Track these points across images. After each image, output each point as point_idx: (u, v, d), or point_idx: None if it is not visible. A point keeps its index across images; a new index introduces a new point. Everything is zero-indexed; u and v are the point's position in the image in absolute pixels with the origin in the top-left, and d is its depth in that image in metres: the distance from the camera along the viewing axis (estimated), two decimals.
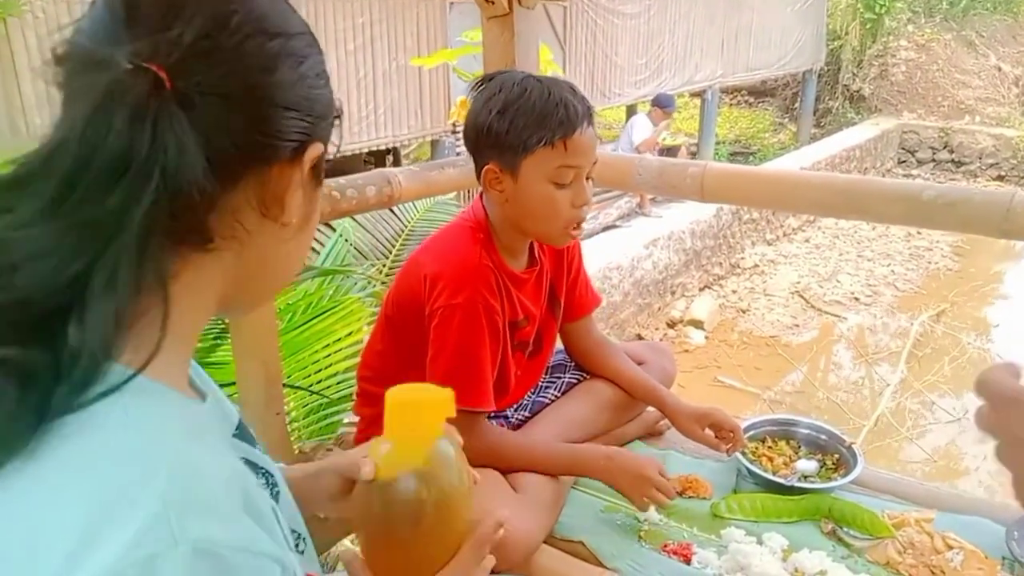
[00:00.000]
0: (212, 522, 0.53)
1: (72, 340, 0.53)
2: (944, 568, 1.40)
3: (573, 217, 1.47)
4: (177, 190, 0.55)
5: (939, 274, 8.77)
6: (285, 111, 0.63)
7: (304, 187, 0.68)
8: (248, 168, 0.62)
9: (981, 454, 5.47)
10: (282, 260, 0.72)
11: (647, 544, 1.50)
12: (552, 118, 1.39)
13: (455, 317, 1.42)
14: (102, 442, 0.54)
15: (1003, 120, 12.62)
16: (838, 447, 1.76)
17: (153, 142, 0.54)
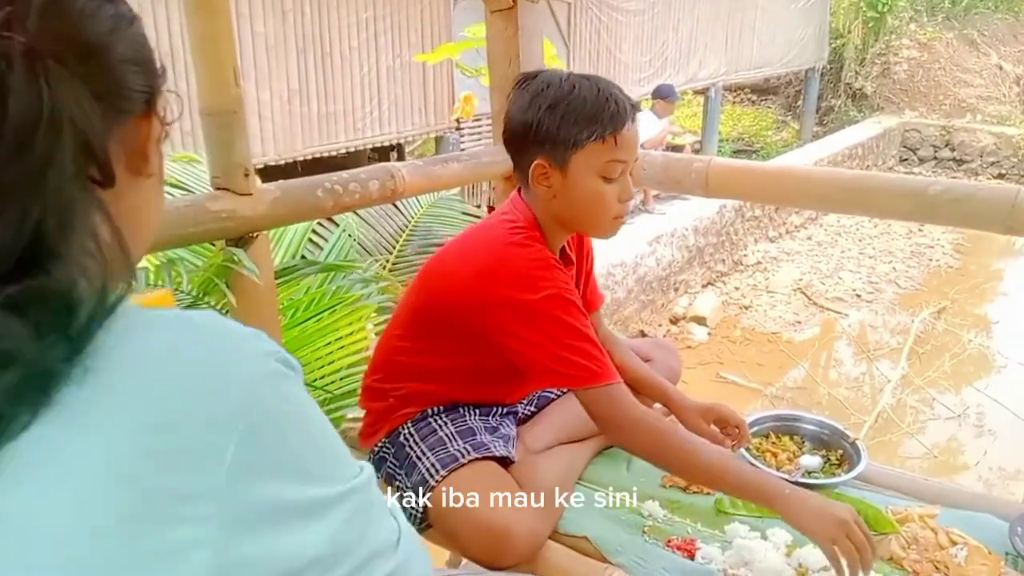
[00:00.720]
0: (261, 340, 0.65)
1: (60, 277, 0.56)
2: (948, 564, 1.40)
3: (619, 210, 1.49)
4: (85, 137, 0.59)
5: (940, 271, 8.78)
6: (131, 66, 0.67)
7: (158, 138, 0.73)
8: (114, 124, 0.66)
9: (981, 449, 5.48)
10: (151, 209, 0.75)
11: (651, 539, 1.50)
12: (604, 113, 1.41)
13: (554, 308, 1.41)
14: (160, 326, 0.62)
15: (1004, 119, 12.62)
16: (842, 443, 1.76)
17: (52, 96, 0.57)
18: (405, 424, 1.57)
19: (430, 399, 1.58)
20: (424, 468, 1.48)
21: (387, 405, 1.59)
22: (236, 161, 1.61)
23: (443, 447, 1.50)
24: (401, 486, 1.52)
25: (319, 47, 6.42)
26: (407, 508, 1.49)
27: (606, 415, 1.44)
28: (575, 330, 1.42)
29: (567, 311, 1.43)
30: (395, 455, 1.55)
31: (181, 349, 0.60)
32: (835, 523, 1.25)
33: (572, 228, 1.56)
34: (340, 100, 6.67)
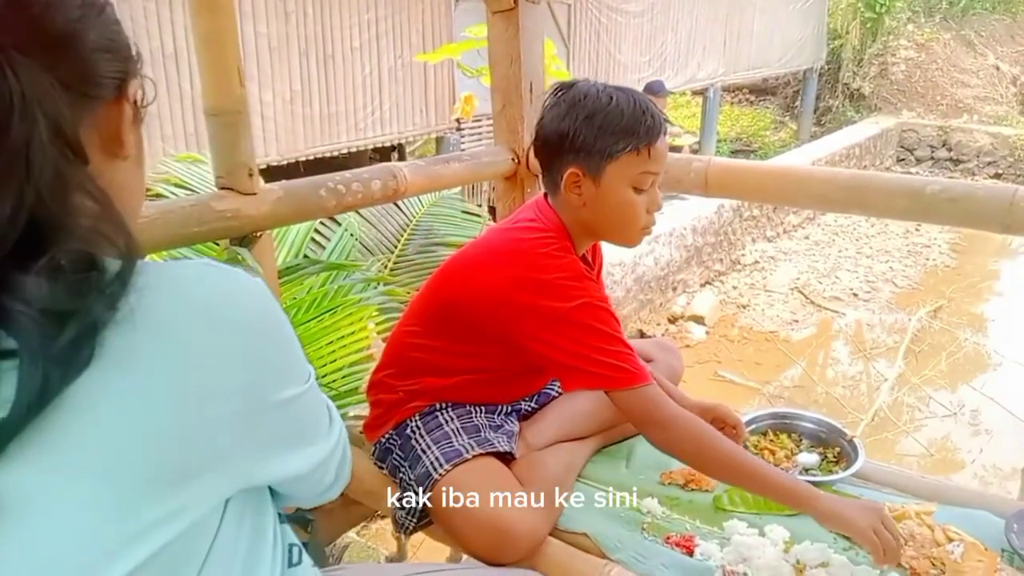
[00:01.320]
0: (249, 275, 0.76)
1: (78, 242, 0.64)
2: (944, 560, 1.41)
3: (648, 221, 1.53)
4: (58, 124, 0.64)
5: (937, 271, 8.81)
6: (101, 53, 0.71)
7: (132, 123, 0.77)
8: (85, 109, 0.70)
9: (977, 447, 5.50)
10: (131, 191, 0.80)
11: (650, 536, 1.51)
12: (640, 126, 1.43)
13: (587, 317, 1.44)
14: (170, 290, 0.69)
15: (1001, 119, 12.66)
16: (839, 440, 1.78)
17: (22, 86, 0.62)
18: (413, 417, 1.58)
19: (441, 395, 1.59)
20: (429, 461, 1.49)
21: (396, 398, 1.60)
22: (240, 161, 1.62)
23: (448, 441, 1.52)
24: (405, 478, 1.53)
25: (321, 48, 6.44)
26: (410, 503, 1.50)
27: (644, 416, 1.46)
28: (609, 336, 1.45)
29: (600, 319, 1.45)
30: (401, 447, 1.56)
31: (201, 295, 0.71)
32: (874, 515, 1.34)
33: (600, 236, 1.59)
34: (342, 101, 6.68)
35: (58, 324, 0.60)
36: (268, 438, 0.77)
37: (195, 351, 0.68)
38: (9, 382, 0.60)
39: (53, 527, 0.62)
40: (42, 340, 0.60)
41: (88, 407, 0.62)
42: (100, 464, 0.63)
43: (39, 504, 0.62)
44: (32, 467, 0.61)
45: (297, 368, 0.81)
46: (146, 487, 0.65)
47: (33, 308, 0.60)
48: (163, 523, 0.66)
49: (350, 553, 3.28)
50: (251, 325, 0.73)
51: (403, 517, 1.52)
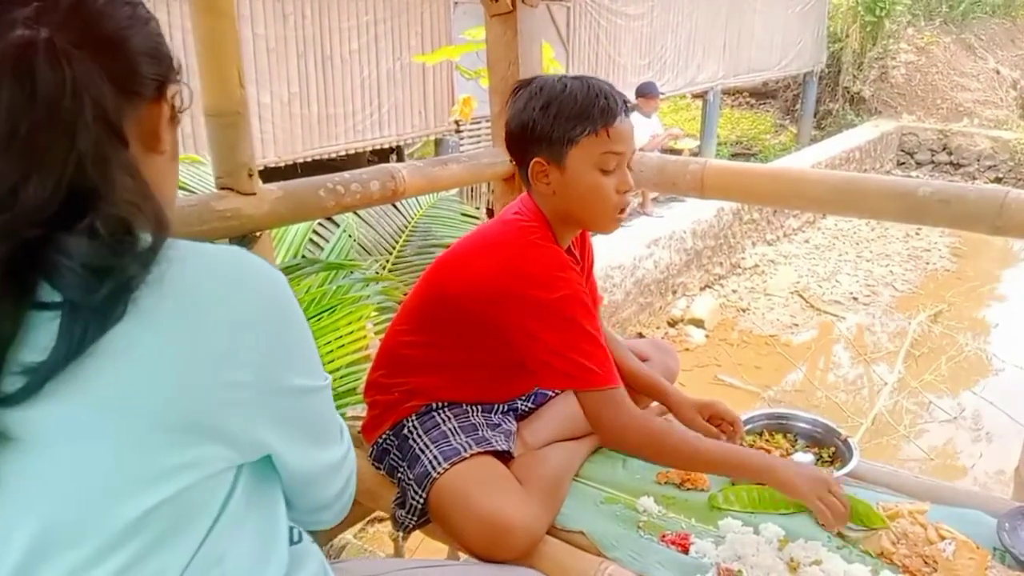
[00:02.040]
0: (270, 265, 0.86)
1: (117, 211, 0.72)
2: (936, 558, 1.42)
3: (619, 202, 1.52)
4: (104, 111, 0.73)
5: (937, 275, 8.82)
6: (146, 58, 0.80)
7: (170, 122, 0.86)
8: (128, 105, 0.78)
9: (977, 452, 5.50)
10: (165, 184, 0.88)
11: (646, 534, 1.52)
12: (594, 108, 1.46)
13: (567, 308, 1.45)
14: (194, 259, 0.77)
15: (1001, 123, 12.67)
16: (834, 441, 1.79)
17: (74, 75, 0.71)
18: (410, 417, 1.59)
19: (435, 394, 1.60)
20: (427, 461, 1.50)
21: (392, 399, 1.61)
22: (240, 161, 1.64)
23: (446, 440, 1.53)
24: (403, 478, 1.54)
25: (319, 50, 6.45)
26: (409, 502, 1.51)
27: (601, 418, 1.50)
28: (583, 332, 1.46)
29: (579, 313, 1.47)
30: (399, 447, 1.57)
31: (228, 268, 0.79)
32: (820, 483, 1.47)
33: (577, 224, 1.60)
34: (340, 103, 6.69)
35: (97, 279, 0.68)
36: (279, 419, 0.83)
37: (215, 318, 0.75)
38: (47, 331, 0.68)
39: (73, 462, 0.70)
40: (83, 292, 0.68)
41: (115, 356, 0.70)
42: (121, 408, 0.70)
43: (63, 439, 0.70)
44: (60, 406, 0.69)
45: (312, 362, 0.88)
46: (162, 434, 0.72)
47: (76, 262, 0.68)
48: (176, 472, 0.73)
49: (347, 555, 3.29)
50: (271, 305, 0.81)
51: (402, 516, 1.54)
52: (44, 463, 0.70)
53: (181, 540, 0.76)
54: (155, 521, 0.73)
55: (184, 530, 0.76)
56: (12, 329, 0.68)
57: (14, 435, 0.68)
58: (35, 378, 0.67)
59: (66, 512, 0.71)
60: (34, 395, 0.67)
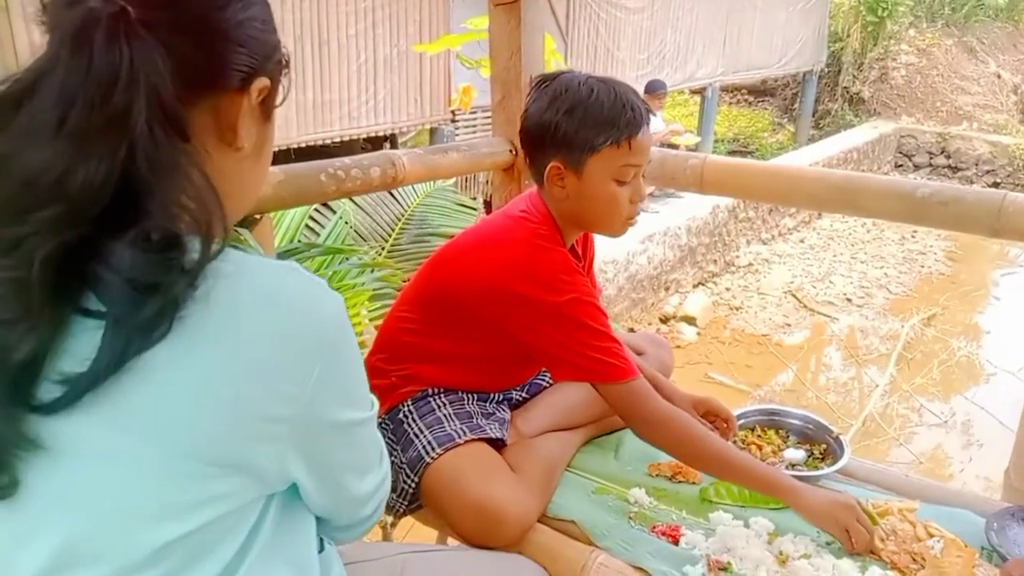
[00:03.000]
0: (330, 290, 0.79)
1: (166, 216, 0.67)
2: (925, 555, 1.43)
3: (631, 211, 1.53)
4: (160, 97, 0.67)
5: (932, 278, 8.84)
6: (233, 45, 0.75)
7: (255, 117, 0.80)
8: (202, 93, 0.74)
9: (967, 457, 5.53)
10: (242, 182, 0.84)
11: (637, 525, 1.53)
12: (621, 119, 1.44)
13: (577, 311, 1.46)
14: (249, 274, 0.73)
15: (1000, 127, 12.68)
16: (825, 438, 1.80)
17: (132, 56, 0.66)
18: (405, 402, 1.60)
19: (433, 380, 1.61)
20: (421, 445, 1.51)
21: (389, 383, 1.61)
22: None
23: (440, 426, 1.54)
24: (396, 462, 1.55)
25: (316, 35, 6.41)
26: (401, 486, 1.52)
27: (631, 410, 1.50)
28: (598, 331, 1.47)
29: (589, 314, 1.47)
30: (393, 431, 1.58)
31: (280, 291, 0.73)
32: (846, 510, 1.42)
33: (585, 227, 1.60)
34: (335, 89, 6.66)
35: (143, 295, 0.65)
36: (319, 455, 0.79)
37: (260, 347, 0.71)
38: (89, 340, 0.65)
39: (101, 479, 0.68)
40: (128, 308, 0.65)
41: (154, 376, 0.67)
42: (155, 432, 0.68)
43: (94, 455, 0.67)
44: (95, 420, 0.66)
45: (360, 392, 0.83)
46: (194, 464, 0.69)
47: (121, 276, 0.64)
48: (205, 504, 0.71)
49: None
50: (323, 334, 0.75)
51: (394, 500, 1.54)
52: (73, 476, 0.68)
53: (203, 567, 0.73)
54: (179, 549, 0.71)
55: (207, 558, 0.73)
56: (52, 336, 0.65)
57: (46, 444, 0.66)
58: (73, 389, 0.65)
59: (89, 529, 0.69)
60: (70, 406, 0.65)
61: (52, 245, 0.63)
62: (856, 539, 1.41)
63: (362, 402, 0.84)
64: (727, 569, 1.39)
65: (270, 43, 0.79)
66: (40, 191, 0.64)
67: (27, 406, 0.65)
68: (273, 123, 0.85)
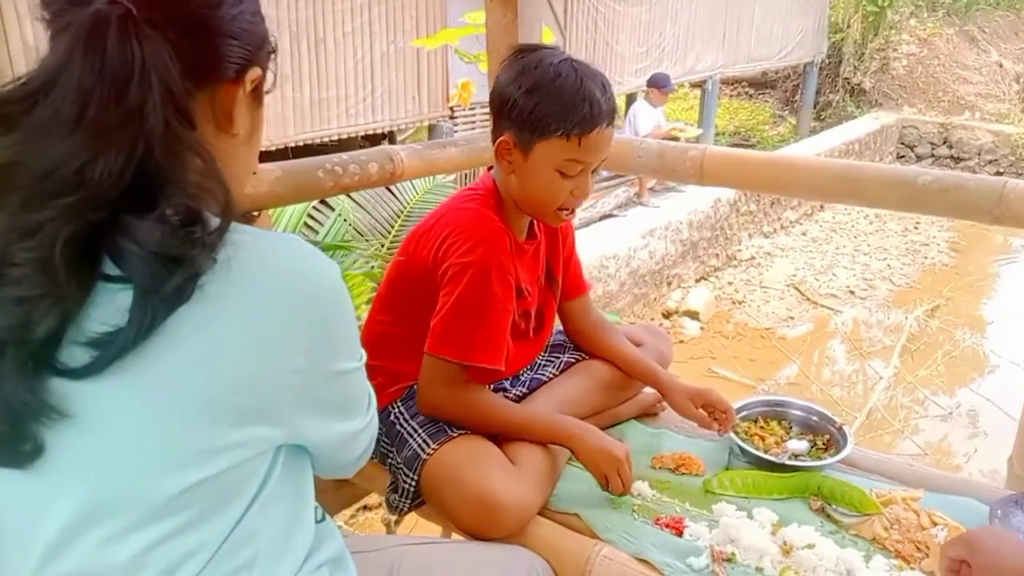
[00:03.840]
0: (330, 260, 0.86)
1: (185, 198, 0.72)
2: (929, 544, 1.43)
3: (567, 204, 1.51)
4: (171, 91, 0.72)
5: (935, 269, 8.82)
6: (228, 39, 0.80)
7: (248, 104, 0.86)
8: (202, 84, 0.79)
9: (972, 448, 5.52)
10: (236, 165, 0.89)
11: (640, 518, 1.53)
12: (576, 113, 1.41)
13: (467, 273, 1.45)
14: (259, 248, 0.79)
15: (1003, 117, 12.65)
16: (828, 428, 1.79)
17: (143, 54, 0.70)
18: (395, 403, 1.59)
19: (414, 375, 1.60)
20: (416, 444, 1.50)
21: (376, 384, 1.61)
22: None
23: (433, 423, 1.53)
24: (393, 464, 1.55)
25: (312, 33, 6.38)
26: (401, 485, 1.52)
27: (423, 382, 1.52)
28: (473, 302, 1.45)
29: (483, 281, 1.45)
30: (386, 434, 1.57)
31: (281, 259, 0.80)
32: (610, 460, 1.49)
33: (521, 207, 1.57)
34: (333, 86, 6.63)
35: (168, 267, 0.69)
36: (320, 402, 0.86)
37: (276, 305, 0.77)
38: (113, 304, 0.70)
39: (123, 439, 0.72)
40: (153, 280, 0.69)
41: (179, 339, 0.71)
42: (179, 390, 0.72)
43: (117, 417, 0.71)
44: (119, 385, 0.70)
45: (354, 345, 0.91)
46: (214, 415, 0.74)
47: (145, 250, 0.69)
48: (223, 451, 0.75)
49: None
50: (325, 295, 0.83)
51: (396, 500, 1.54)
52: (96, 439, 0.71)
53: (220, 517, 0.78)
54: (197, 497, 0.75)
55: (224, 508, 0.78)
56: (79, 306, 0.69)
57: (72, 411, 0.70)
58: (103, 355, 0.69)
59: (111, 486, 0.73)
60: (100, 372, 0.69)
61: (74, 227, 0.67)
62: (612, 486, 1.50)
63: (355, 352, 0.91)
64: (731, 560, 1.39)
65: (260, 34, 0.85)
66: (61, 181, 0.68)
67: (55, 372, 0.69)
68: (263, 109, 0.91)
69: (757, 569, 1.39)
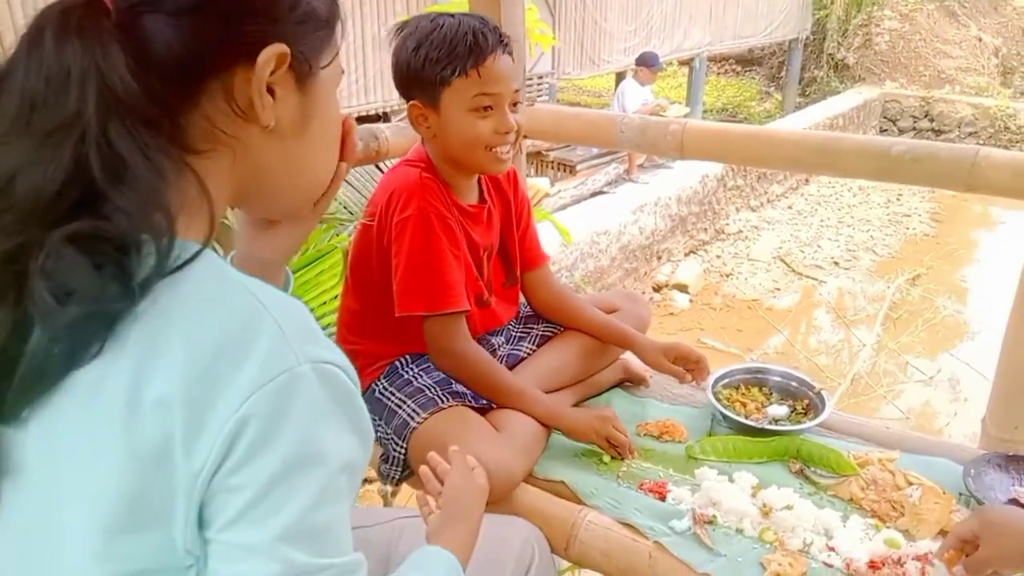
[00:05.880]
0: (319, 346, 0.64)
1: (117, 221, 0.61)
2: (904, 503, 1.48)
3: (493, 142, 1.51)
4: (116, 95, 0.62)
5: (916, 239, 8.90)
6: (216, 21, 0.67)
7: (286, 88, 0.72)
8: (204, 76, 0.67)
9: (952, 412, 5.61)
10: (287, 164, 0.76)
11: (624, 483, 1.57)
12: (462, 46, 1.43)
13: (408, 227, 1.48)
14: (205, 293, 0.63)
15: (982, 90, 12.70)
16: (807, 393, 1.84)
17: (83, 56, 0.61)
18: (378, 380, 1.62)
19: (396, 351, 1.63)
20: (405, 413, 1.53)
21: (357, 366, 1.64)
22: None
23: (422, 393, 1.56)
24: (383, 435, 1.57)
25: None
26: (391, 454, 1.55)
27: (432, 344, 1.56)
28: (423, 252, 1.48)
29: (425, 229, 1.48)
30: (373, 410, 1.59)
31: (231, 321, 0.62)
32: (601, 422, 1.57)
33: (458, 167, 1.59)
34: None
35: (62, 302, 0.58)
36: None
37: (179, 382, 0.60)
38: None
39: (48, 502, 0.62)
40: (49, 315, 0.59)
41: (91, 400, 0.60)
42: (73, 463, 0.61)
43: (41, 474, 0.62)
44: (35, 438, 0.62)
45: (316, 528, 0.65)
46: (116, 510, 0.61)
47: (42, 281, 0.59)
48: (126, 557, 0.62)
49: None
50: (264, 395, 0.61)
51: (387, 469, 1.57)
52: (23, 496, 0.63)
53: None
54: None
55: None
56: (4, 337, 0.60)
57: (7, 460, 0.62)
58: (15, 398, 0.60)
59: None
60: (15, 419, 0.61)
61: (6, 245, 0.60)
62: (617, 444, 1.58)
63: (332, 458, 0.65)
64: (712, 522, 1.44)
65: (274, 4, 0.70)
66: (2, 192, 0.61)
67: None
68: (324, 91, 0.76)
69: (737, 531, 1.44)
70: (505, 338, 1.80)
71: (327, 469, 0.64)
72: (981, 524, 1.15)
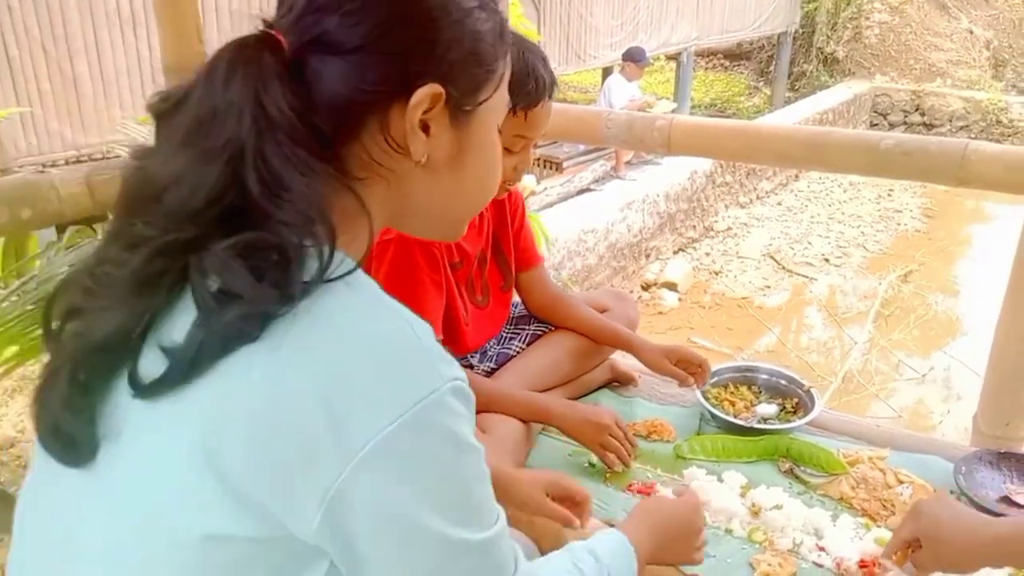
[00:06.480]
0: (453, 366, 0.68)
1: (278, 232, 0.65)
2: (894, 502, 1.46)
3: (512, 179, 1.52)
4: (273, 122, 0.66)
5: (908, 235, 8.90)
6: (378, 56, 0.70)
7: (441, 126, 0.75)
8: (363, 112, 0.71)
9: (945, 409, 5.61)
10: (440, 195, 0.80)
11: (612, 485, 1.56)
12: (522, 87, 1.39)
13: (388, 250, 1.46)
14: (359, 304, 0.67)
15: (973, 83, 12.72)
16: (797, 391, 1.82)
17: (243, 87, 0.67)
18: None
19: None
20: None
21: None
22: None
23: None
24: None
25: None
26: None
27: None
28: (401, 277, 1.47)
29: (405, 254, 1.47)
30: None
31: (379, 338, 0.66)
32: (598, 427, 1.53)
33: None
34: None
35: (223, 302, 0.63)
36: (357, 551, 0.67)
37: (326, 387, 0.63)
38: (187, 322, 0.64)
39: (153, 470, 0.65)
40: (210, 312, 0.63)
41: (228, 378, 0.64)
42: (213, 431, 0.64)
43: (140, 444, 0.66)
44: (148, 407, 0.65)
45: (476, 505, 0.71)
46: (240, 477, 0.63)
47: (207, 280, 0.64)
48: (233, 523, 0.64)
49: None
50: (407, 398, 0.64)
51: None
52: (124, 462, 0.67)
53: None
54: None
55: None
56: (142, 320, 0.66)
57: (118, 428, 0.66)
58: (165, 377, 0.64)
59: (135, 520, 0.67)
60: (157, 395, 0.64)
61: (160, 245, 0.65)
62: (615, 454, 1.54)
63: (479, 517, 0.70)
64: None
65: (426, 42, 0.72)
66: (165, 200, 0.66)
67: (130, 382, 0.65)
68: (482, 124, 0.79)
69: (726, 531, 1.42)
70: (496, 338, 1.78)
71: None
72: (918, 525, 1.15)
